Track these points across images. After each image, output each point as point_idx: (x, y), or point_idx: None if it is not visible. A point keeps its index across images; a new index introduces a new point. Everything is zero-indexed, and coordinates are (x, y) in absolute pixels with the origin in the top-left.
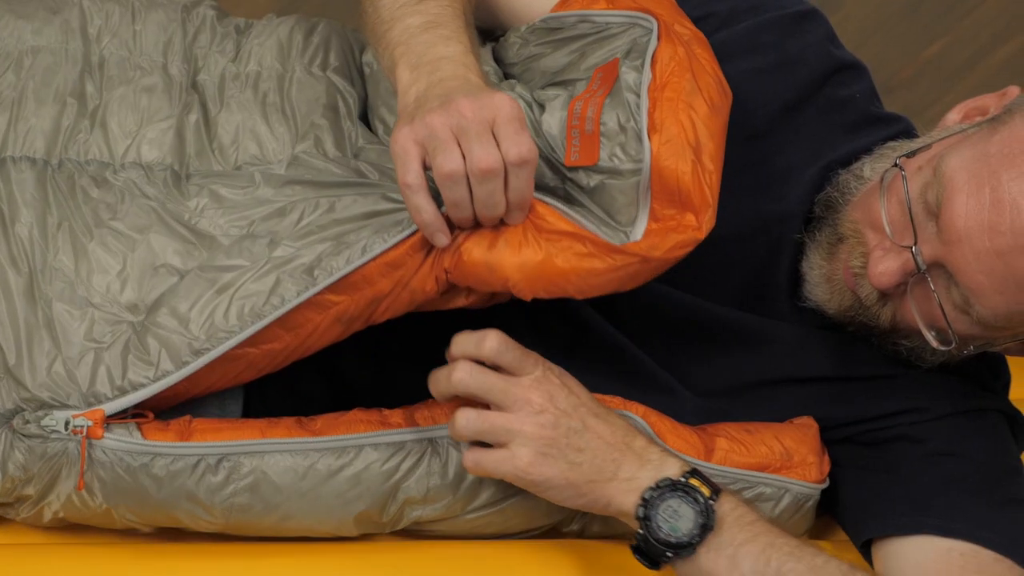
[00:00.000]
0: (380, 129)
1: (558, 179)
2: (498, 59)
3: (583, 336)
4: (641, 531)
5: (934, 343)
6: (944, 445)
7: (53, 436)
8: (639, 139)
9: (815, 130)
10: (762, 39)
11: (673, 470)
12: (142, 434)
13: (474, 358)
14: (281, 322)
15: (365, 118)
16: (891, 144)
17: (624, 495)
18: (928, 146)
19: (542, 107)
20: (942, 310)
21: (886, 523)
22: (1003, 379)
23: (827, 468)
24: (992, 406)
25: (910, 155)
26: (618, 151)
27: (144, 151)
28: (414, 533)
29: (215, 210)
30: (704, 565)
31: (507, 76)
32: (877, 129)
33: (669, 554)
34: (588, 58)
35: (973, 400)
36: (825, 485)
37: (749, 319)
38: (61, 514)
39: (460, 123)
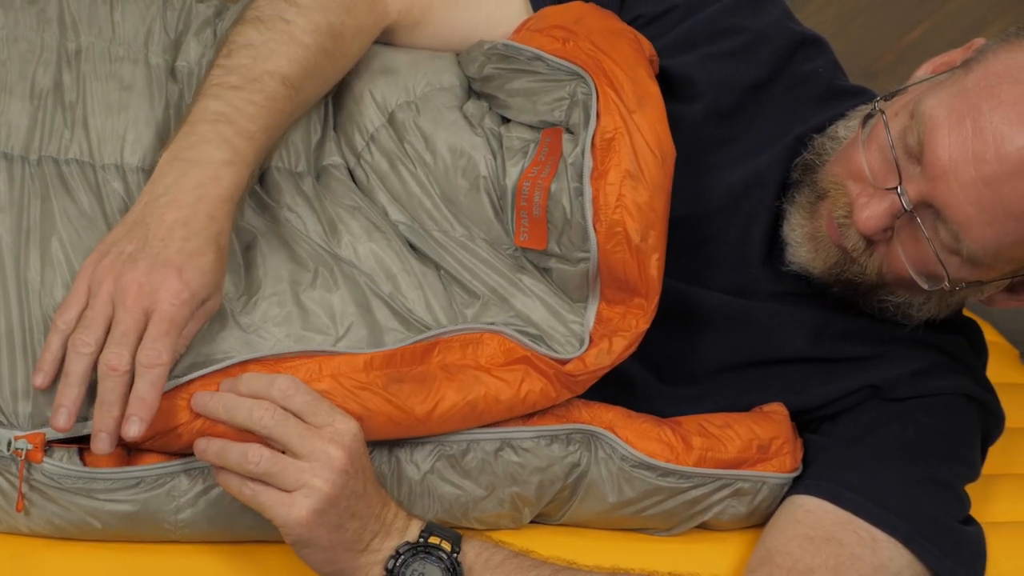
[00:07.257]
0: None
1: (513, 248)
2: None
3: None
4: None
5: (924, 286)
6: (881, 424)
7: None
8: (584, 232)
9: (784, 105)
10: (724, 23)
11: (412, 533)
12: (82, 460)
13: (263, 398)
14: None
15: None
16: (861, 108)
17: (371, 567)
18: (904, 90)
19: (507, 151)
20: (932, 247)
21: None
22: (982, 352)
23: (800, 453)
24: (959, 391)
25: (887, 98)
26: (566, 240)
27: (126, 153)
28: None
29: None
30: None
31: (471, 90)
32: (843, 100)
33: None
34: (540, 97)
35: (940, 383)
36: (799, 472)
37: (722, 299)
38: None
39: (120, 299)
